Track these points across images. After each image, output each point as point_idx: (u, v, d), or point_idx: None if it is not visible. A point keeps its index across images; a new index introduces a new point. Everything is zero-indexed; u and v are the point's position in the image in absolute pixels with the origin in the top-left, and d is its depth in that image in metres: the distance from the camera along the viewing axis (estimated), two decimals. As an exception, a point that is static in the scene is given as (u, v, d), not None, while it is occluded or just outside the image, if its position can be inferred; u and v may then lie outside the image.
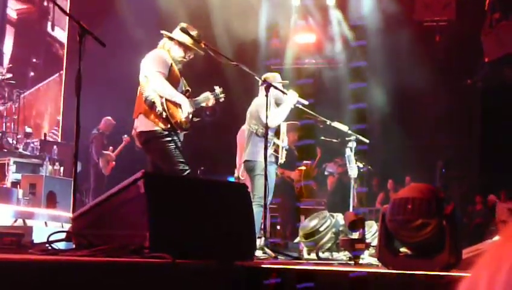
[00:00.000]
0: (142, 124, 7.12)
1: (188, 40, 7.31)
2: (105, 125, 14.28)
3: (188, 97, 7.26)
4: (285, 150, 8.98)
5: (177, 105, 7.12)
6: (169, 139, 7.06)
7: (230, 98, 7.77)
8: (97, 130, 14.04)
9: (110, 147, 14.32)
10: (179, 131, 7.18)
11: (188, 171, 7.09)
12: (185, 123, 7.15)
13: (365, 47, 16.63)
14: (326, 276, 4.38)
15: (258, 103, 8.88)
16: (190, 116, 7.18)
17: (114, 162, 14.25)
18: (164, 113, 6.99)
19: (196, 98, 7.41)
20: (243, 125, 9.31)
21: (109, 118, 14.30)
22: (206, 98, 7.52)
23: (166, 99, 7.04)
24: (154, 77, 7.04)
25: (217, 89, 7.69)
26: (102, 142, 14.02)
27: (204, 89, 7.59)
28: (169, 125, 7.05)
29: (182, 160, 7.09)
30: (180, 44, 7.30)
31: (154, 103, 7.01)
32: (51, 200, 10.52)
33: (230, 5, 15.29)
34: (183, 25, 7.39)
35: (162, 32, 7.43)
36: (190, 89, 7.46)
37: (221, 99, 7.70)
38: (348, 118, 13.87)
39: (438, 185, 14.71)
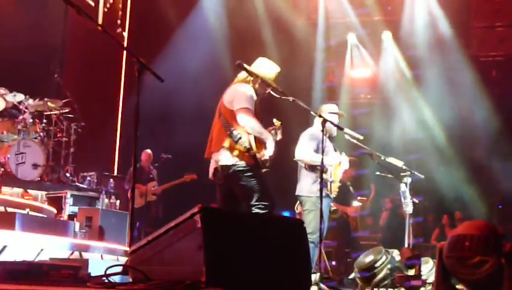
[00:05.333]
0: (225, 157, 6.95)
1: (269, 76, 7.25)
2: (144, 159, 14.20)
3: None
4: (336, 184, 8.84)
5: (262, 142, 7.05)
6: (253, 173, 6.94)
7: (285, 131, 7.67)
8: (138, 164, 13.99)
9: (153, 182, 14.12)
10: (262, 169, 7.08)
11: (268, 209, 6.89)
12: (267, 161, 7.05)
13: (420, 80, 16.54)
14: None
15: (301, 136, 8.87)
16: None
17: (154, 196, 14.10)
18: (252, 151, 6.91)
19: None
20: None
21: (148, 150, 14.19)
22: (275, 134, 7.43)
23: (254, 136, 6.99)
24: (243, 113, 6.94)
25: (276, 122, 7.53)
26: (131, 175, 13.50)
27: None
28: (253, 162, 6.96)
29: (266, 196, 6.95)
30: (262, 79, 7.17)
31: (240, 138, 6.90)
32: (100, 234, 10.59)
33: (285, 45, 15.38)
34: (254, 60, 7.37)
35: (245, 66, 7.18)
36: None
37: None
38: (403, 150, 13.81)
39: (495, 221, 14.50)
